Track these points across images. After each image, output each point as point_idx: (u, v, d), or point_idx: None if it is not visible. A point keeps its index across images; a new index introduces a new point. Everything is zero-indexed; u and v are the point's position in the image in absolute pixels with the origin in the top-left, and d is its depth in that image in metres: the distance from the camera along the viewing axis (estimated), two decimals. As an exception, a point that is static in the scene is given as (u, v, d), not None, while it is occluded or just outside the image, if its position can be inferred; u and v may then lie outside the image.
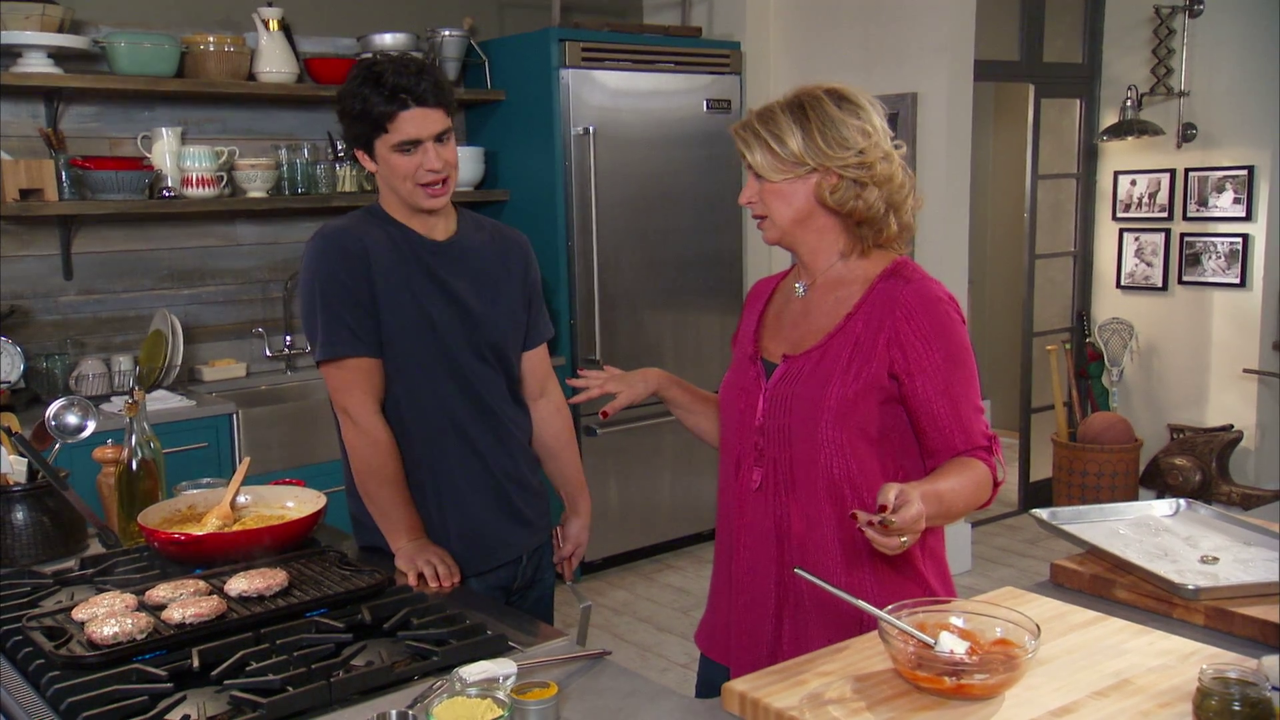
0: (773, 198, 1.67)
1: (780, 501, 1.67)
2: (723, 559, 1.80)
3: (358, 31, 4.31)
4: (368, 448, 1.94)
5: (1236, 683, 1.13)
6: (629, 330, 4.55)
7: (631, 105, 4.45)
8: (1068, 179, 5.40)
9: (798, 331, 1.71)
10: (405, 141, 1.90)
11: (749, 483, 1.71)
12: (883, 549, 1.44)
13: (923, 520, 1.44)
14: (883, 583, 1.64)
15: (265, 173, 3.96)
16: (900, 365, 1.61)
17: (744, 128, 1.68)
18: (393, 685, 1.45)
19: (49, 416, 2.13)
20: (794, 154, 1.62)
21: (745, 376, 1.74)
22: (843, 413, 1.62)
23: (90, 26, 3.77)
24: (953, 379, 1.62)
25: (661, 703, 1.41)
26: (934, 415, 1.62)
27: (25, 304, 3.73)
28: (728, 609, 1.77)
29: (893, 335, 1.61)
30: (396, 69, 1.89)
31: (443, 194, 1.97)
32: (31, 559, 1.98)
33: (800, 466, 1.65)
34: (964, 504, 1.59)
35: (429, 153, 1.92)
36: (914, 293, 1.63)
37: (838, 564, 1.65)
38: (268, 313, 4.25)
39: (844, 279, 1.70)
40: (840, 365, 1.62)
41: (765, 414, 1.68)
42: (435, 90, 1.91)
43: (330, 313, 1.93)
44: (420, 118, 1.90)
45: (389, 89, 1.88)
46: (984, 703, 1.28)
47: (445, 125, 1.94)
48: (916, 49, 4.34)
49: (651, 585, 4.46)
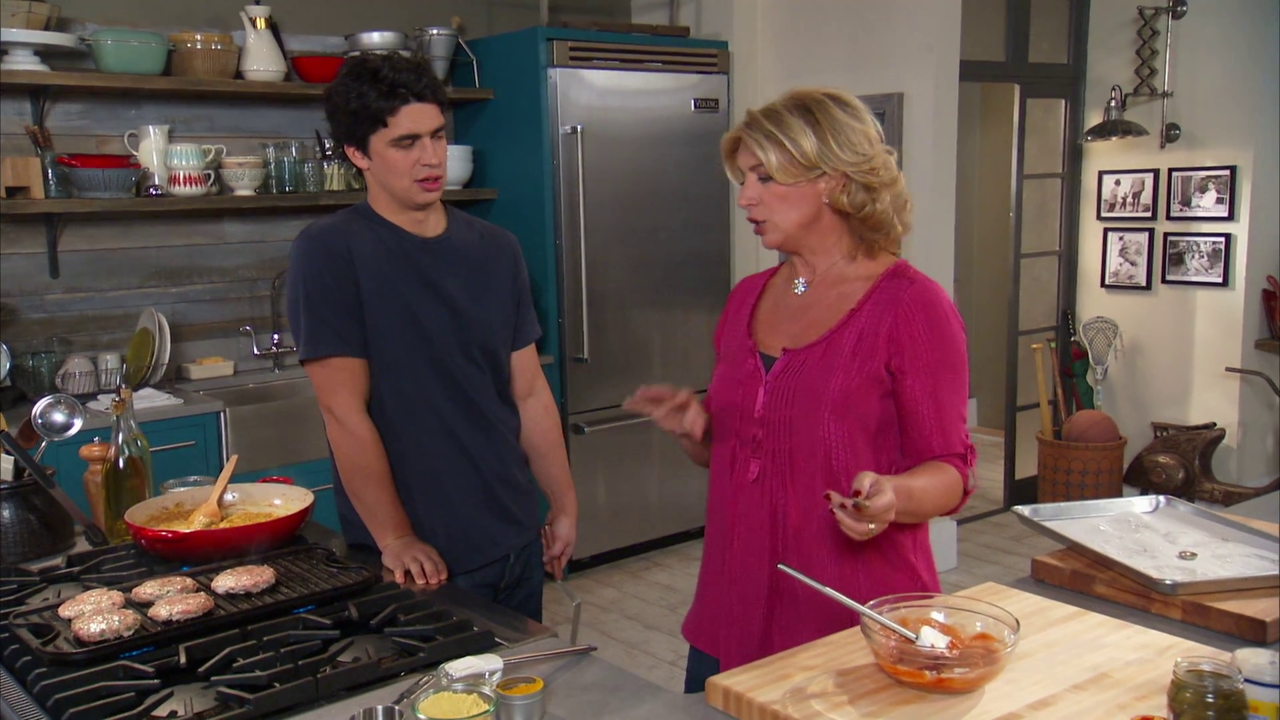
0: (778, 201, 1.66)
1: (777, 493, 1.68)
2: (714, 551, 1.80)
3: (345, 30, 4.31)
4: (352, 446, 1.95)
5: (1210, 675, 1.15)
6: (617, 329, 4.56)
7: (619, 104, 4.46)
8: (1053, 179, 5.43)
9: (797, 326, 1.72)
10: (404, 136, 1.91)
11: (745, 474, 1.71)
12: (849, 532, 1.48)
13: (893, 511, 1.47)
14: (874, 574, 1.67)
15: (253, 171, 3.96)
16: (896, 361, 1.64)
17: (753, 127, 1.65)
18: (379, 681, 1.46)
19: (35, 414, 2.13)
20: (808, 156, 1.62)
21: (741, 369, 1.74)
22: (845, 405, 1.64)
23: (77, 24, 3.76)
24: (942, 383, 1.65)
25: (647, 698, 1.42)
26: (918, 416, 1.65)
27: (11, 302, 3.72)
28: (719, 600, 1.78)
29: (893, 331, 1.64)
30: (393, 65, 1.91)
31: (436, 188, 1.98)
32: (18, 557, 1.98)
33: (800, 458, 1.66)
34: (933, 505, 1.62)
35: (427, 148, 1.93)
36: (918, 293, 1.66)
37: (831, 555, 1.67)
38: (255, 311, 4.25)
39: (846, 276, 1.72)
40: (844, 358, 1.64)
41: (766, 406, 1.68)
42: (432, 86, 1.93)
43: (314, 312, 1.94)
44: (419, 113, 1.91)
45: (388, 84, 1.89)
46: (964, 696, 1.30)
47: (440, 122, 1.95)
48: (903, 49, 4.36)
49: (639, 583, 4.47)
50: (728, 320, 1.86)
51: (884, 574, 1.68)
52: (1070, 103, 5.35)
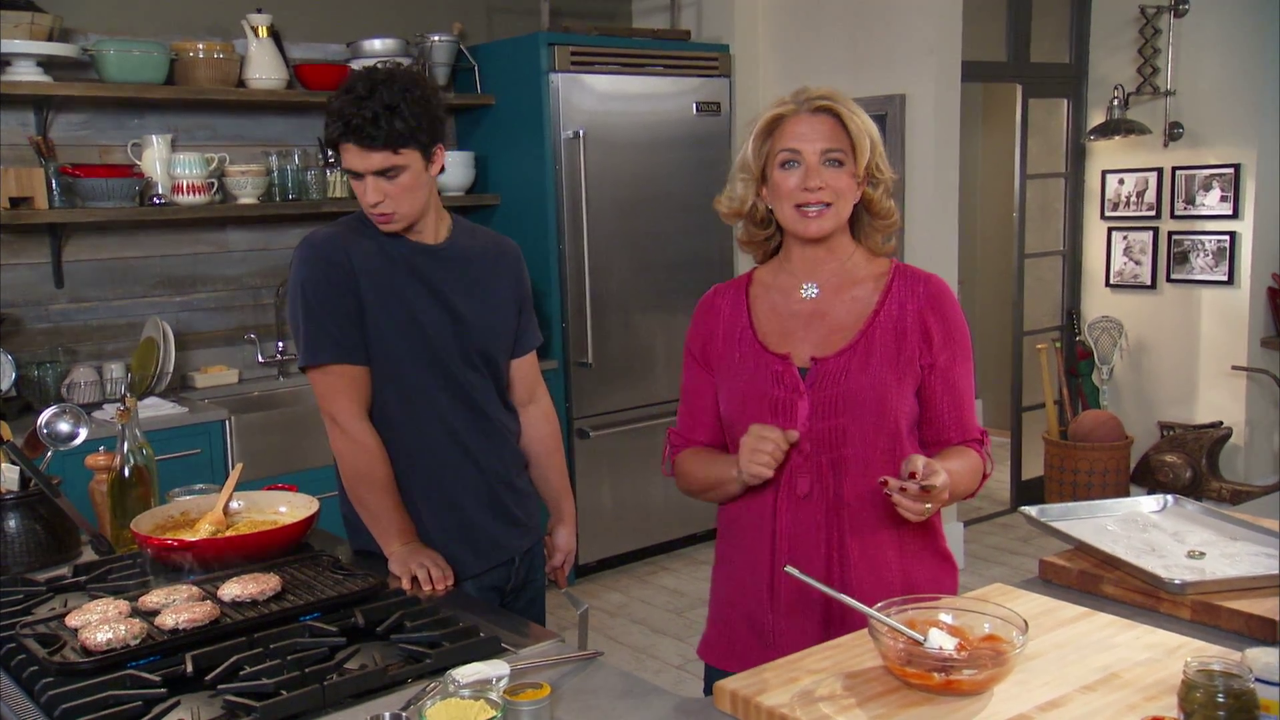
0: (846, 184, 1.65)
1: (832, 505, 1.65)
2: (746, 570, 1.73)
3: (347, 37, 4.31)
4: (355, 453, 1.95)
5: (1221, 675, 1.14)
6: (620, 333, 4.55)
7: (621, 109, 4.46)
8: (1056, 178, 5.42)
9: (816, 333, 1.69)
10: (348, 170, 1.92)
11: (793, 490, 1.66)
12: (907, 514, 1.52)
13: (947, 490, 1.52)
14: (930, 570, 1.71)
15: (256, 179, 3.96)
16: (925, 357, 1.66)
17: (834, 101, 1.62)
18: (386, 688, 1.46)
19: (41, 424, 2.13)
20: (874, 143, 1.64)
21: (774, 383, 1.67)
22: (894, 405, 1.64)
23: (79, 34, 3.77)
24: (958, 373, 1.69)
25: (654, 703, 1.42)
26: (937, 407, 1.69)
27: (16, 312, 3.73)
28: (765, 620, 1.70)
29: (922, 326, 1.67)
30: (357, 96, 1.85)
31: (387, 222, 1.95)
32: (24, 566, 1.98)
33: (853, 465, 1.64)
34: (964, 487, 1.66)
35: (368, 186, 1.90)
36: (934, 288, 1.70)
37: (895, 555, 1.68)
38: (259, 319, 4.25)
39: (853, 278, 1.72)
40: (881, 359, 1.65)
41: (811, 417, 1.64)
42: (385, 134, 1.84)
43: (313, 320, 1.94)
44: (358, 154, 1.88)
45: (338, 115, 1.86)
46: (973, 698, 1.29)
47: (389, 164, 1.88)
48: (904, 50, 4.35)
49: (645, 587, 4.46)
50: (716, 333, 1.77)
51: (934, 569, 1.72)
52: (1073, 102, 5.34)
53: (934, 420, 1.70)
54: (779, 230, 1.75)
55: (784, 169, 1.65)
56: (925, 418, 1.70)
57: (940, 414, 1.69)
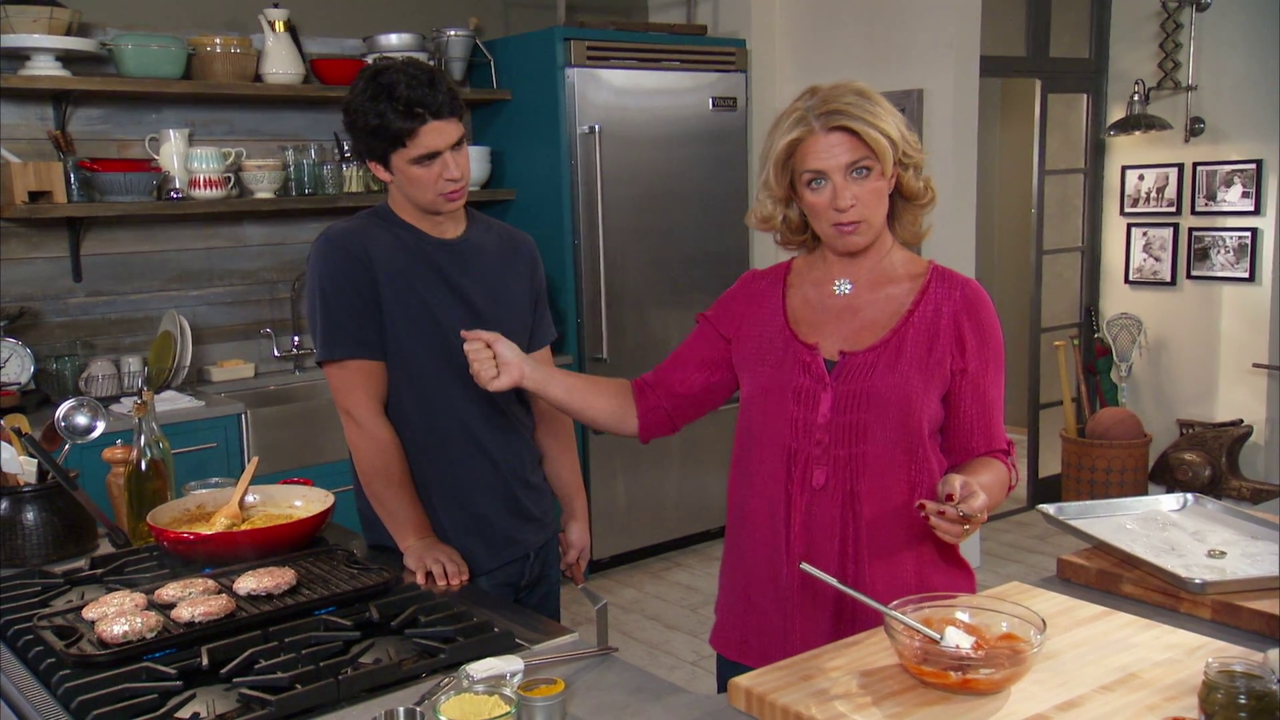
0: (875, 196, 1.62)
1: (847, 500, 1.64)
2: (762, 562, 1.72)
3: (363, 32, 4.32)
4: (371, 448, 1.95)
5: (1242, 676, 1.13)
6: (635, 329, 4.55)
7: (637, 104, 4.45)
8: (1075, 174, 5.38)
9: (848, 328, 1.68)
10: (425, 155, 1.89)
11: (808, 482, 1.65)
12: (946, 536, 1.49)
13: (986, 511, 1.49)
14: (945, 574, 1.68)
15: (272, 173, 3.97)
16: (956, 362, 1.64)
17: (851, 116, 1.56)
18: (400, 683, 1.46)
19: (58, 417, 2.14)
20: (895, 141, 1.60)
21: (801, 372, 1.66)
22: (917, 407, 1.62)
23: (97, 29, 3.79)
24: (989, 383, 1.67)
25: (668, 699, 1.41)
26: (964, 415, 1.66)
27: (35, 306, 3.75)
28: (776, 612, 1.70)
29: (956, 332, 1.64)
30: (410, 81, 1.85)
31: (459, 198, 1.97)
32: (42, 559, 1.99)
33: (871, 462, 1.63)
34: (994, 502, 1.61)
35: (448, 163, 1.91)
36: (972, 294, 1.67)
37: (911, 558, 1.65)
38: (276, 313, 4.26)
39: (889, 275, 1.70)
40: (909, 360, 1.63)
41: (833, 409, 1.64)
42: (450, 101, 1.89)
43: (330, 315, 1.94)
44: (439, 130, 1.88)
45: (404, 103, 1.85)
46: (989, 697, 1.28)
47: (460, 134, 1.93)
48: (922, 45, 4.33)
49: (660, 583, 4.46)
50: (749, 317, 1.77)
51: (949, 573, 1.69)
52: (1092, 97, 5.30)
53: (960, 427, 1.67)
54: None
55: (812, 188, 1.63)
56: (952, 424, 1.67)
57: (967, 421, 1.66)
